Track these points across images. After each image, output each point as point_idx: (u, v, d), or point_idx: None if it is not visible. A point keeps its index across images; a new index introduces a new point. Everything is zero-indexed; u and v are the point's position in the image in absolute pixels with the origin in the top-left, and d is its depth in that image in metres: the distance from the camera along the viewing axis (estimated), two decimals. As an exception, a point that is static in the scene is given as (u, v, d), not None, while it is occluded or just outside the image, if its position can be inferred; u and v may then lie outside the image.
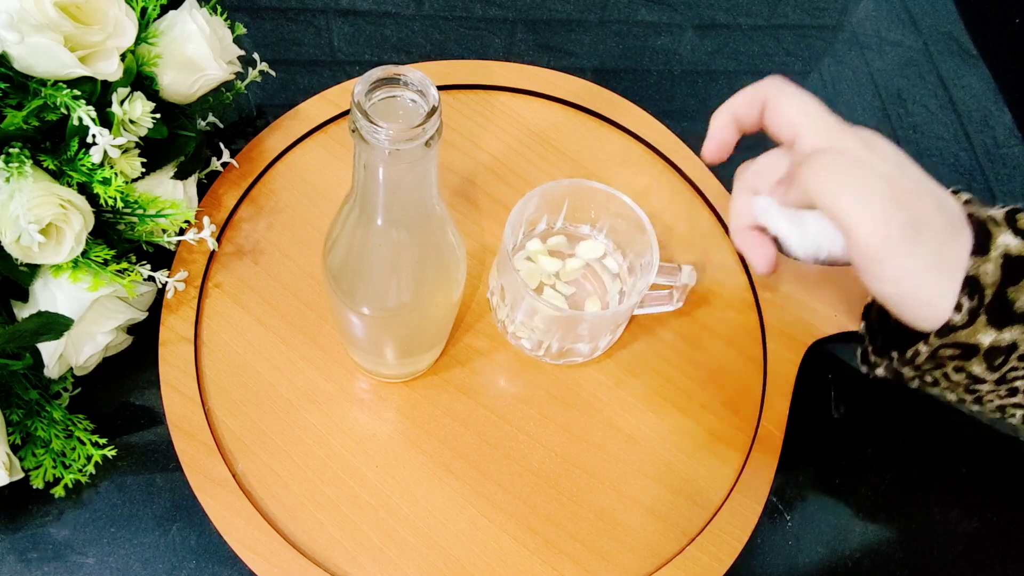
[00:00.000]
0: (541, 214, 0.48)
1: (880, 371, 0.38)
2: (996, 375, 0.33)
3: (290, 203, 0.51)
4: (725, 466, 0.46)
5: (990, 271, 0.31)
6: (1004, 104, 0.66)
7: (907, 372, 0.36)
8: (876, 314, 0.40)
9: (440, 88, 0.53)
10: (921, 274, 0.31)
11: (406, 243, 0.33)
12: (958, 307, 0.31)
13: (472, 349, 0.48)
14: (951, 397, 0.36)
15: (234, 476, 0.42)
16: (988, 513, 0.49)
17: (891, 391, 0.51)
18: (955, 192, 0.34)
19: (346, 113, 0.54)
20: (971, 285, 0.31)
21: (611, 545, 0.43)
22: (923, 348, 0.33)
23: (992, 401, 0.35)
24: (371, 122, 0.26)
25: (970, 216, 0.33)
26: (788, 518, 0.47)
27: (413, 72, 0.27)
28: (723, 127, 0.38)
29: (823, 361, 0.52)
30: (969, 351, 0.32)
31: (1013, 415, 0.35)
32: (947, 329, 0.32)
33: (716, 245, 0.53)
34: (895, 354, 0.36)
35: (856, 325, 0.51)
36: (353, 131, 0.27)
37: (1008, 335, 0.31)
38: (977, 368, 0.33)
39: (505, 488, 0.44)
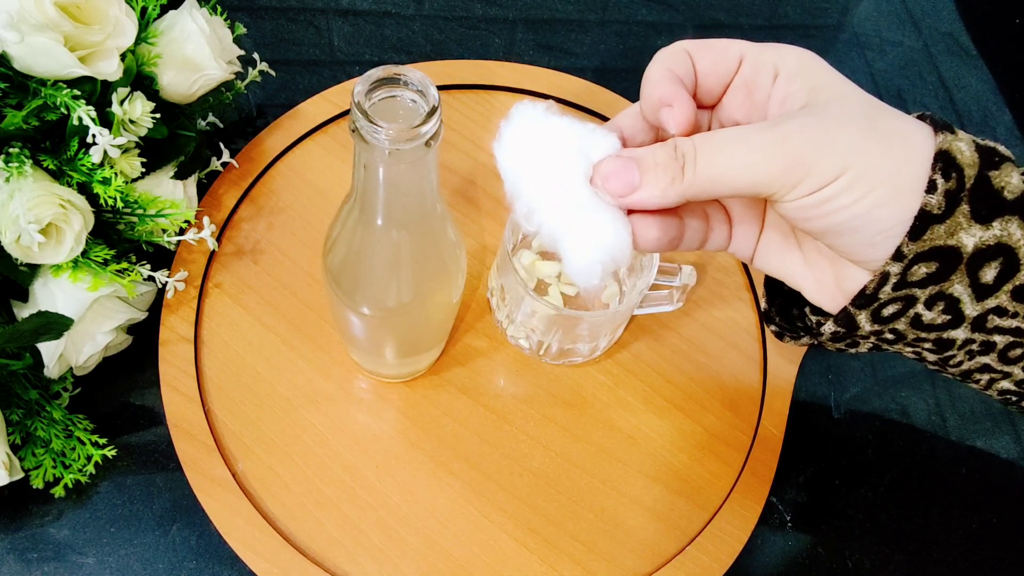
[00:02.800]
0: (541, 214, 0.48)
1: (828, 328, 0.29)
2: (979, 310, 0.26)
3: (290, 203, 0.51)
4: (725, 466, 0.46)
5: (965, 150, 0.25)
6: (1004, 104, 0.66)
7: (864, 323, 0.28)
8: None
9: (440, 88, 0.53)
10: (865, 148, 0.25)
11: (406, 243, 0.33)
12: (931, 187, 0.24)
13: (472, 349, 0.48)
14: (909, 353, 0.30)
15: (234, 476, 0.42)
16: (988, 514, 0.49)
17: (891, 391, 0.51)
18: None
19: (346, 113, 0.54)
20: (944, 161, 0.25)
21: (611, 545, 0.43)
22: (893, 268, 0.26)
23: (961, 362, 0.29)
24: (371, 122, 0.26)
25: (920, 116, 0.27)
26: (788, 518, 0.47)
27: (413, 72, 0.27)
28: (659, 81, 0.29)
29: (823, 361, 0.52)
30: (948, 262, 0.25)
31: (979, 380, 0.30)
32: (923, 220, 0.25)
33: (716, 245, 0.53)
34: (850, 306, 0.28)
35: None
36: (353, 131, 0.27)
37: (998, 229, 0.25)
38: (959, 288, 0.26)
39: (505, 488, 0.44)
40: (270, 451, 0.43)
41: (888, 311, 0.27)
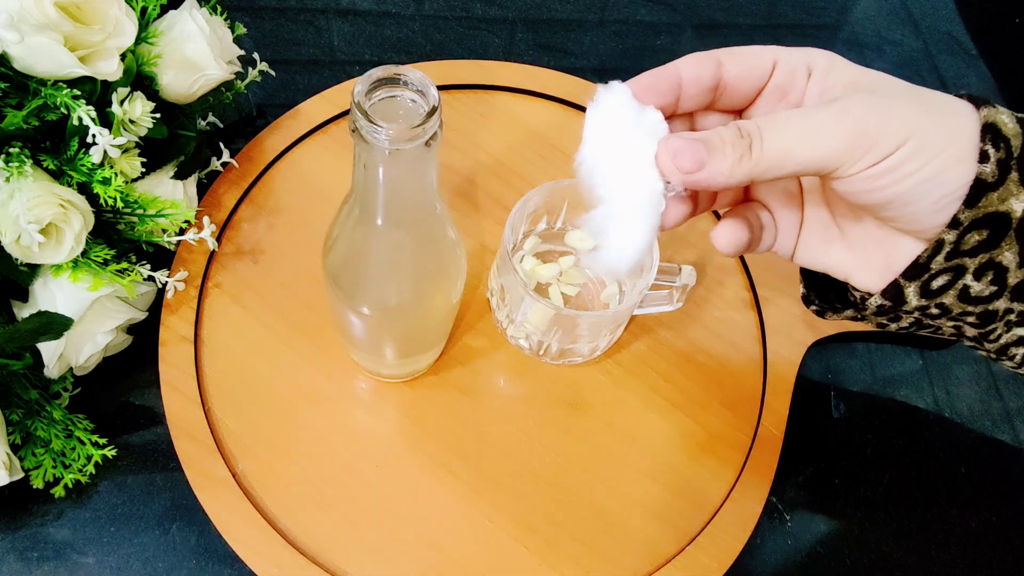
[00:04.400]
0: (541, 214, 0.48)
1: (873, 301, 0.30)
2: (1020, 277, 0.27)
3: (290, 203, 0.51)
4: (725, 466, 0.46)
5: (1008, 122, 0.26)
6: (1004, 104, 0.66)
7: (911, 296, 0.29)
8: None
9: (440, 88, 0.53)
10: (922, 119, 0.26)
11: (406, 243, 0.33)
12: (983, 157, 0.26)
13: (472, 349, 0.48)
14: (949, 328, 0.30)
15: (234, 476, 0.42)
16: (988, 513, 0.49)
17: (891, 391, 0.51)
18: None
19: (346, 113, 0.54)
20: (992, 132, 0.26)
21: (611, 545, 0.43)
22: (948, 236, 0.27)
23: (999, 336, 0.29)
24: (371, 122, 0.26)
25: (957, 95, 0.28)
26: (788, 518, 0.47)
27: (413, 72, 0.27)
28: (658, 74, 0.30)
29: (823, 361, 0.52)
30: (998, 229, 0.26)
31: (1014, 355, 0.30)
32: (978, 188, 0.26)
33: (716, 245, 0.53)
34: (900, 278, 0.29)
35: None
36: (353, 131, 0.27)
37: None
38: (1008, 256, 0.27)
39: (505, 488, 0.44)
40: (270, 451, 0.43)
41: (937, 283, 0.28)
